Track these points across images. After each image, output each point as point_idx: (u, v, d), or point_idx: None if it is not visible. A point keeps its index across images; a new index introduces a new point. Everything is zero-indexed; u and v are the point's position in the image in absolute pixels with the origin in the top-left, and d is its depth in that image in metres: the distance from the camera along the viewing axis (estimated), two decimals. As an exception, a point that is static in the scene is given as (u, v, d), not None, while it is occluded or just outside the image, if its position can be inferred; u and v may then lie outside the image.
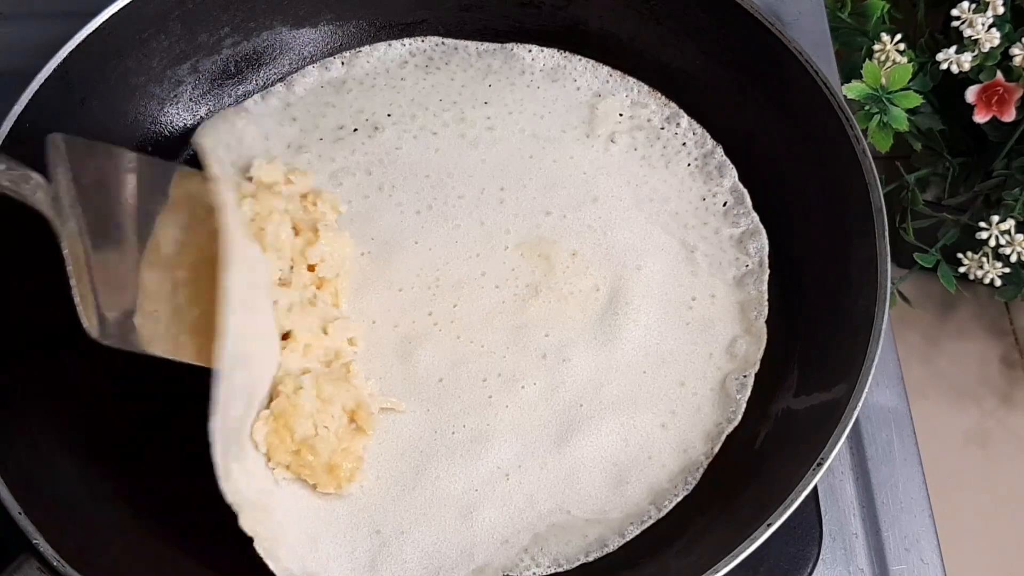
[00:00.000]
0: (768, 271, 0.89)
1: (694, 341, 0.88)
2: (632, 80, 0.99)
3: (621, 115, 0.98)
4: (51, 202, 0.76)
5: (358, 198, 0.94)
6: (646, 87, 0.99)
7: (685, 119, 0.97)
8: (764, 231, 0.91)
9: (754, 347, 0.87)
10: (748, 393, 0.85)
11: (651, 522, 0.81)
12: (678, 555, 0.77)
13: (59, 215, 0.76)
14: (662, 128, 0.97)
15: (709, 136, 0.96)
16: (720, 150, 0.95)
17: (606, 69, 1.00)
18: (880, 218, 0.81)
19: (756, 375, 0.85)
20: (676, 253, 0.91)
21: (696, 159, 0.95)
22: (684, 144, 0.96)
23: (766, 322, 0.88)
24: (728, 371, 0.86)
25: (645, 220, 0.93)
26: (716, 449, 0.83)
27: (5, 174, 0.75)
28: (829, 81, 0.87)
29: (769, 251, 0.90)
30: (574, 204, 0.94)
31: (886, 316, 0.78)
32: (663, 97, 0.98)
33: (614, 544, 0.80)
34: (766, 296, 0.89)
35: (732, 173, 0.94)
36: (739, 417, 0.84)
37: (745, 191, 0.93)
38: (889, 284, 0.79)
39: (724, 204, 0.93)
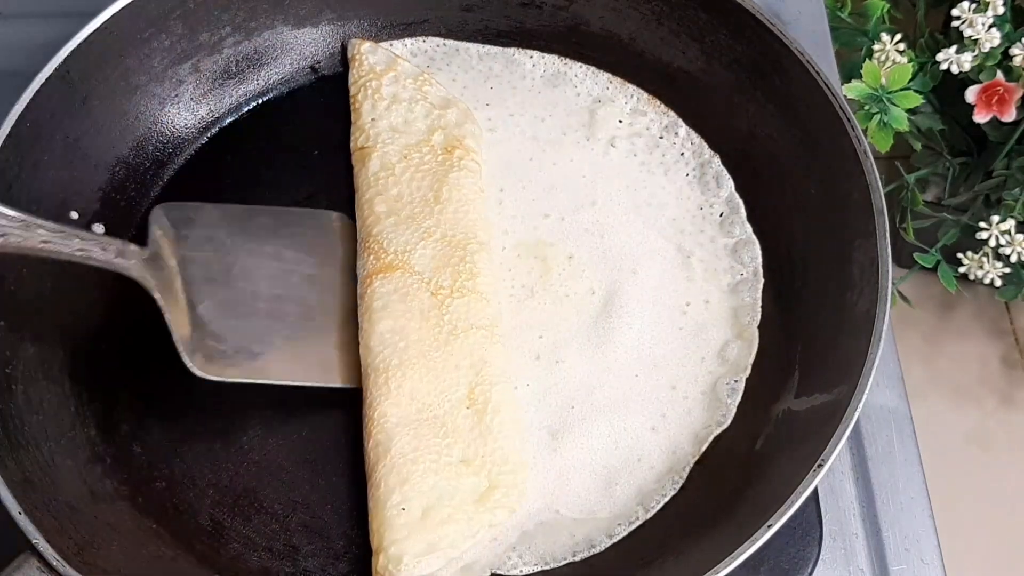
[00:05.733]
0: (762, 280, 0.89)
1: (686, 345, 0.88)
2: (632, 87, 0.99)
3: (620, 121, 0.98)
4: (143, 265, 0.83)
5: (359, 197, 0.94)
6: (645, 94, 0.98)
7: (683, 128, 0.97)
8: (757, 242, 0.91)
9: (745, 352, 0.87)
10: (738, 397, 0.85)
11: (639, 523, 0.81)
12: (680, 556, 0.77)
13: (153, 275, 0.83)
14: (661, 137, 0.97)
15: (707, 146, 0.96)
16: (717, 160, 0.95)
17: (606, 76, 0.99)
18: (881, 219, 0.81)
19: (758, 376, 0.85)
20: (672, 258, 0.91)
21: (694, 169, 0.95)
22: (682, 154, 0.96)
23: (766, 324, 0.88)
24: (719, 375, 0.86)
25: (642, 224, 0.93)
26: (703, 450, 0.83)
27: (97, 248, 0.81)
28: (831, 81, 0.87)
29: (771, 251, 0.90)
30: (572, 207, 0.93)
31: (887, 317, 0.78)
32: (662, 105, 0.98)
33: (601, 545, 0.80)
34: (759, 303, 0.89)
35: (728, 184, 0.94)
36: (728, 420, 0.84)
37: (740, 201, 0.93)
38: (890, 285, 0.79)
39: (720, 215, 0.93)
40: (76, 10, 0.91)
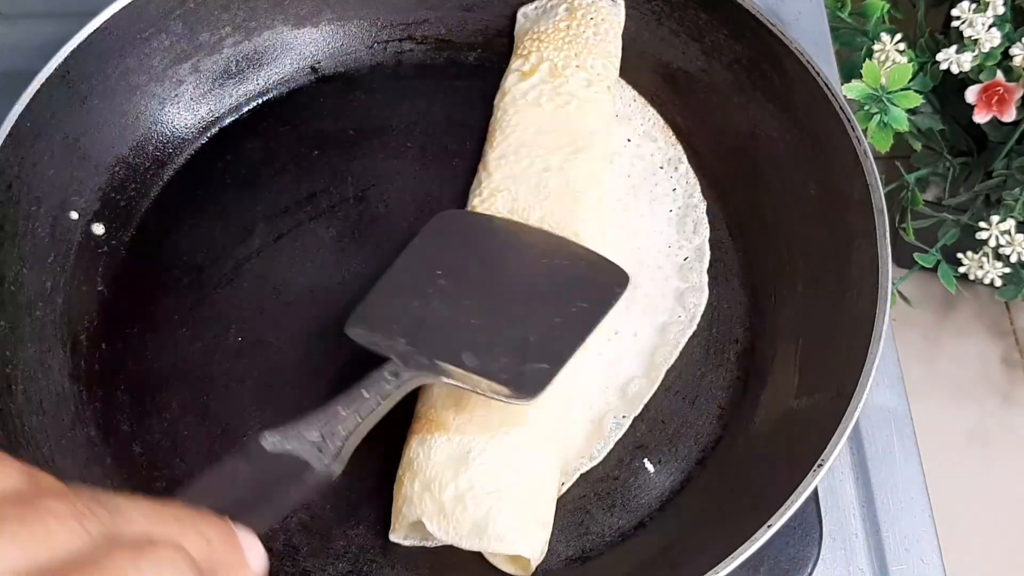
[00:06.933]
0: (694, 327, 0.88)
1: (604, 372, 0.86)
2: (652, 111, 0.98)
3: (629, 140, 0.97)
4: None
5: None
6: (662, 121, 0.98)
7: (684, 165, 0.95)
8: (707, 292, 0.90)
9: (645, 391, 0.85)
10: (620, 433, 0.83)
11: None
12: (679, 556, 0.77)
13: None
14: (661, 167, 0.95)
15: (699, 189, 0.94)
16: (703, 207, 0.93)
17: (632, 91, 0.99)
18: (881, 219, 0.81)
19: (757, 376, 0.86)
20: None
21: (679, 208, 0.93)
22: (674, 190, 0.94)
23: (765, 323, 0.88)
24: (613, 407, 0.85)
25: (606, 242, 0.90)
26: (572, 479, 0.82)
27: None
28: (831, 81, 0.87)
29: (770, 251, 0.90)
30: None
31: (887, 317, 0.78)
32: (672, 136, 0.97)
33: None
34: (679, 350, 0.87)
35: (704, 233, 0.92)
36: (601, 457, 0.83)
37: (707, 251, 0.91)
38: (890, 285, 0.79)
39: (684, 259, 0.91)
40: (76, 10, 0.92)
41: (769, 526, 0.71)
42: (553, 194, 0.89)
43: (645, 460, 0.83)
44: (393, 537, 0.78)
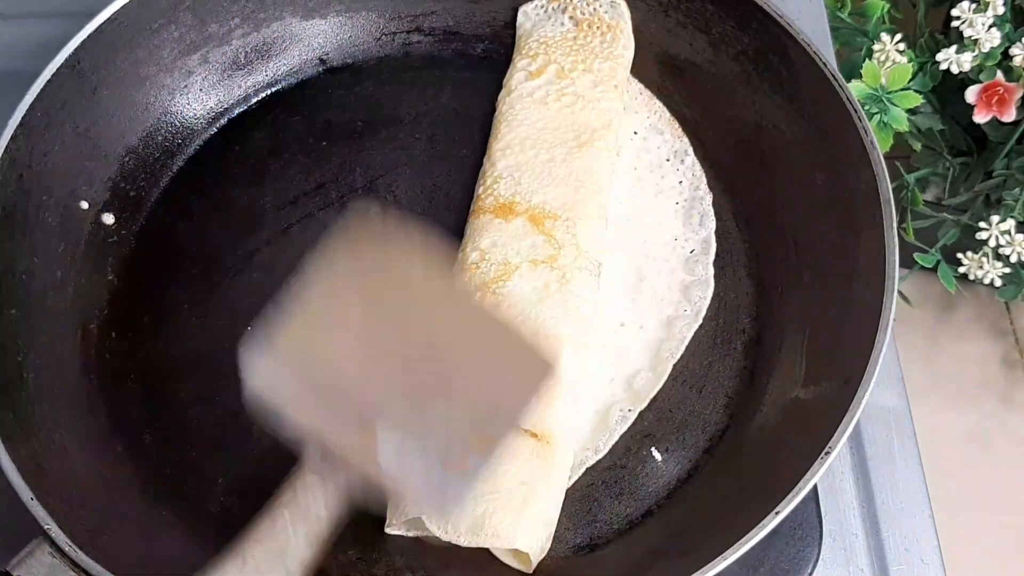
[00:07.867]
0: (700, 321, 0.89)
1: (610, 364, 0.87)
2: (658, 103, 0.99)
3: (636, 133, 0.98)
4: None
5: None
6: (668, 113, 0.99)
7: (690, 158, 0.96)
8: (713, 285, 0.90)
9: (651, 385, 0.86)
10: (628, 425, 0.84)
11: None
12: (687, 544, 0.77)
13: None
14: (667, 160, 0.96)
15: (704, 181, 0.95)
16: (709, 199, 0.94)
17: (639, 85, 1.00)
18: (888, 209, 0.82)
19: (765, 364, 0.86)
20: (625, 277, 0.91)
21: (685, 200, 0.94)
22: (680, 182, 0.95)
23: (773, 314, 0.88)
24: (616, 401, 0.86)
25: (613, 236, 0.92)
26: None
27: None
28: (837, 72, 0.88)
29: (778, 242, 0.91)
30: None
31: (893, 306, 0.78)
32: (679, 128, 0.98)
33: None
34: (685, 345, 0.88)
35: (710, 225, 0.93)
36: (606, 449, 0.83)
37: (713, 244, 0.92)
38: (896, 274, 0.80)
39: (691, 251, 0.92)
40: (76, 10, 0.92)
41: (777, 513, 0.71)
42: (556, 181, 0.89)
43: (653, 449, 0.84)
44: (389, 530, 0.78)
